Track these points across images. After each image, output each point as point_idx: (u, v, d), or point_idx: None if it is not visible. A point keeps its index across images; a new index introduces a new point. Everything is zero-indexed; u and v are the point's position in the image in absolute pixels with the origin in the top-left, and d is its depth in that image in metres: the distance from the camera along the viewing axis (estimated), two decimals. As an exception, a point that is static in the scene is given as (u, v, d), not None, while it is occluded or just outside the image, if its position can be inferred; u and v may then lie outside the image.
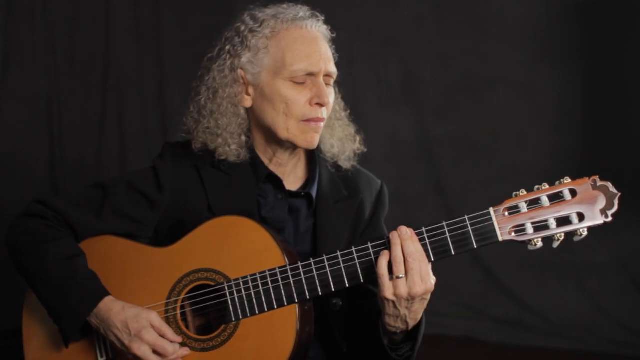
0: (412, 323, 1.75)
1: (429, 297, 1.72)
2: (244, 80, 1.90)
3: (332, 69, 1.89)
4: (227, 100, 1.90)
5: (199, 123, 1.92)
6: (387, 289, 1.68)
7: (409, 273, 1.66)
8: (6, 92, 3.80)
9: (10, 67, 3.81)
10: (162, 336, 1.79)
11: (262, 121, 1.90)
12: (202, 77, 1.96)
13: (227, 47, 1.92)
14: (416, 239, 1.68)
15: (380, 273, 1.68)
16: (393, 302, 1.69)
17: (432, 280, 1.69)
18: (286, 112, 1.85)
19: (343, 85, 2.02)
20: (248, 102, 1.91)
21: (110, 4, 4.13)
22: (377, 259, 1.70)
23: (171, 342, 1.79)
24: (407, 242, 1.67)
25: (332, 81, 1.91)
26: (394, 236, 1.69)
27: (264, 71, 1.87)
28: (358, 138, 2.03)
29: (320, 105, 1.85)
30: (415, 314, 1.73)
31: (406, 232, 1.68)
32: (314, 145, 1.89)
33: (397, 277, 1.67)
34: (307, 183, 1.99)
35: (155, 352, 1.78)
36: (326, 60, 1.86)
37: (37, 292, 1.87)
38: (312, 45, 1.85)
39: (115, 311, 1.79)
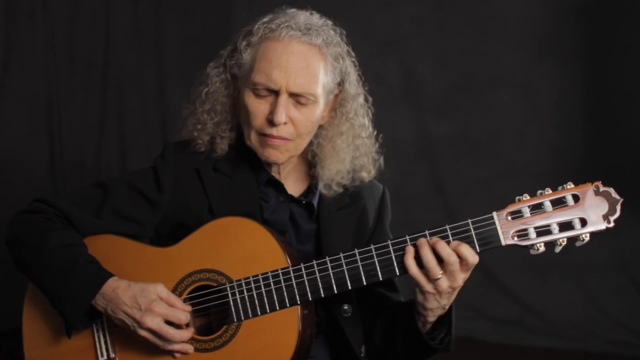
0: (447, 308, 1.77)
1: (463, 284, 1.71)
2: (235, 78, 1.90)
3: (298, 88, 1.79)
4: (213, 96, 1.91)
5: (191, 114, 1.95)
6: (426, 285, 1.69)
7: (450, 273, 1.67)
8: (6, 92, 3.81)
9: (10, 67, 3.82)
10: (172, 306, 1.78)
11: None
12: (202, 78, 1.96)
13: (228, 47, 1.93)
14: (438, 239, 1.67)
15: (412, 272, 1.69)
16: (434, 294, 1.70)
17: (475, 258, 1.67)
18: (247, 122, 1.84)
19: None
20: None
21: (110, 4, 4.13)
22: (402, 261, 1.70)
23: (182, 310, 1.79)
24: (437, 246, 1.66)
25: (307, 101, 1.82)
26: (421, 242, 1.68)
27: (241, 77, 1.87)
28: (365, 171, 1.97)
29: (273, 123, 1.81)
30: (453, 296, 1.74)
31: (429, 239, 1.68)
32: (276, 162, 1.87)
33: (435, 280, 1.67)
34: (309, 191, 1.98)
35: (167, 322, 1.77)
36: (290, 78, 1.78)
37: (39, 281, 1.85)
38: (280, 60, 1.79)
39: (122, 288, 1.77)
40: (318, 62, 1.82)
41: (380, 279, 1.74)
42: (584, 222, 1.63)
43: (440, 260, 1.67)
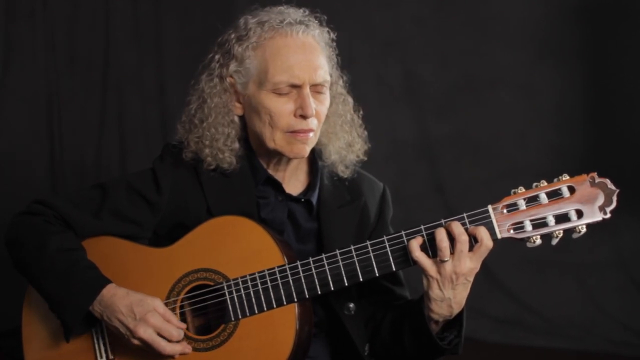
0: (456, 309, 1.75)
1: (472, 279, 1.71)
2: (234, 88, 1.88)
3: (319, 79, 1.83)
4: (215, 110, 1.88)
5: (190, 132, 1.91)
6: (430, 268, 1.69)
7: (457, 255, 1.67)
8: (6, 92, 3.81)
9: (10, 67, 3.82)
10: (167, 321, 1.78)
11: (252, 130, 1.90)
12: (194, 86, 1.94)
13: (217, 56, 1.90)
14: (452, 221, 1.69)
15: (415, 255, 1.69)
16: (437, 280, 1.69)
17: (490, 241, 1.68)
18: (271, 124, 1.82)
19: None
20: (239, 110, 1.90)
21: (110, 4, 4.13)
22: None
23: (176, 327, 1.79)
24: (450, 225, 1.67)
25: (324, 89, 1.86)
26: (437, 227, 1.69)
27: (250, 82, 1.85)
28: (359, 146, 1.99)
29: (304, 117, 1.82)
30: (459, 297, 1.73)
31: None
32: (303, 155, 1.87)
33: (442, 261, 1.67)
34: (308, 189, 1.98)
35: (160, 336, 1.77)
36: (311, 71, 1.81)
37: (38, 285, 1.86)
38: (296, 54, 1.81)
39: (120, 296, 1.78)
40: (321, 51, 1.87)
41: (377, 274, 1.74)
42: (580, 214, 1.63)
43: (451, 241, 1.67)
